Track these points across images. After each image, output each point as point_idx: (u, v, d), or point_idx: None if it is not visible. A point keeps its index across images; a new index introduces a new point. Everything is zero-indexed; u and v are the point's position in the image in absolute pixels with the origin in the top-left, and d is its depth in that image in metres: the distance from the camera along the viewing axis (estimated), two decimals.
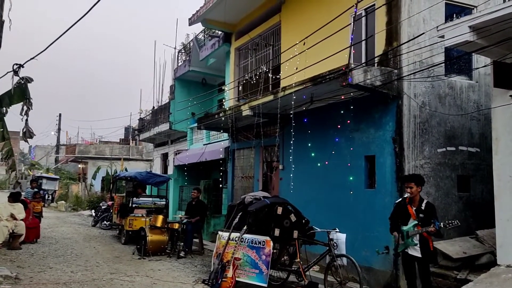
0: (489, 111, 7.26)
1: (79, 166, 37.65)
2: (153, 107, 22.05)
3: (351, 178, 8.28)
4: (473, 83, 8.32)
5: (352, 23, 7.55)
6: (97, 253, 10.73)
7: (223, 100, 14.78)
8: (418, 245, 5.39)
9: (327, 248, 6.91)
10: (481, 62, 7.96)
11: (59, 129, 39.70)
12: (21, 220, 10.97)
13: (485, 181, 8.03)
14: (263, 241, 6.93)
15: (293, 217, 7.05)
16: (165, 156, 21.93)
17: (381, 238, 7.53)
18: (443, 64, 7.77)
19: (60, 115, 39.75)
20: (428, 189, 7.49)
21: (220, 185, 14.12)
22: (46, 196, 30.02)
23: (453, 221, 5.26)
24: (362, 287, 6.49)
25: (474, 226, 7.91)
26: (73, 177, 38.03)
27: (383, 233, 7.54)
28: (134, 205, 12.39)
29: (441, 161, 7.82)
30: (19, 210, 11.14)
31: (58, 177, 34.40)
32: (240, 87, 12.97)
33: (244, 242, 7.14)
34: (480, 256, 7.17)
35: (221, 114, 11.54)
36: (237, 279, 7.00)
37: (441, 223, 5.28)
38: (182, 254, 10.23)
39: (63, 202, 29.11)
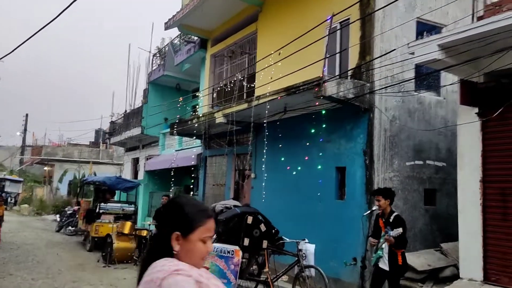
0: (455, 127, 7.49)
1: (45, 168, 36.43)
2: (125, 110, 21.66)
3: (321, 190, 8.33)
4: (441, 99, 8.57)
5: (327, 36, 7.65)
6: (60, 260, 10.37)
7: (197, 106, 14.67)
8: (387, 259, 5.44)
9: (296, 258, 6.91)
10: (449, 79, 8.21)
11: (25, 129, 38.42)
12: None
13: (450, 194, 8.24)
14: (232, 251, 6.85)
15: (263, 227, 7.02)
16: (136, 161, 21.51)
17: (349, 249, 7.59)
18: (413, 80, 7.98)
19: (27, 115, 38.53)
20: (396, 202, 7.58)
21: (191, 192, 13.94)
22: (9, 199, 28.89)
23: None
24: None
25: (439, 239, 8.10)
26: (38, 180, 36.75)
27: (351, 244, 7.61)
28: (101, 211, 12.06)
29: (409, 174, 7.98)
30: None
31: (22, 179, 33.18)
32: (215, 94, 12.91)
33: (213, 251, 7.04)
34: (444, 268, 7.33)
35: (194, 121, 11.43)
36: None
37: (395, 232, 5.21)
38: None
39: (26, 205, 28.07)
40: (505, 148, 6.08)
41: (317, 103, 7.73)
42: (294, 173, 9.09)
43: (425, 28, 8.43)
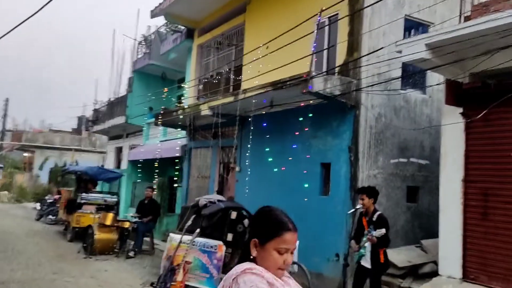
0: (439, 126, 7.57)
1: (25, 155, 35.67)
2: (109, 98, 21.31)
3: (306, 185, 8.34)
4: (426, 97, 8.63)
5: (316, 31, 7.60)
6: (40, 250, 10.21)
7: (182, 97, 14.50)
8: (369, 257, 5.49)
9: None
10: (435, 78, 8.26)
11: (5, 114, 37.49)
12: None
13: (432, 192, 8.34)
14: (216, 246, 6.82)
15: (247, 222, 7.00)
16: (119, 150, 21.24)
17: (332, 245, 7.65)
18: (400, 77, 8.00)
19: (7, 100, 37.55)
20: (379, 199, 7.59)
21: (175, 184, 13.84)
22: None
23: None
24: None
25: (420, 235, 8.21)
26: (18, 166, 35.96)
27: (334, 240, 7.67)
28: (82, 201, 11.88)
29: (393, 171, 8.05)
30: None
31: (1, 165, 32.47)
32: (201, 86, 12.77)
33: (196, 245, 7.00)
34: (424, 265, 7.46)
35: (179, 112, 11.31)
36: (186, 283, 6.84)
37: (378, 233, 5.28)
38: (131, 254, 9.93)
39: (6, 192, 27.53)
40: (487, 149, 6.16)
41: (302, 103, 7.69)
42: (279, 167, 9.07)
43: (413, 26, 8.45)
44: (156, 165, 13.07)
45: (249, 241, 1.74)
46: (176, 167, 13.66)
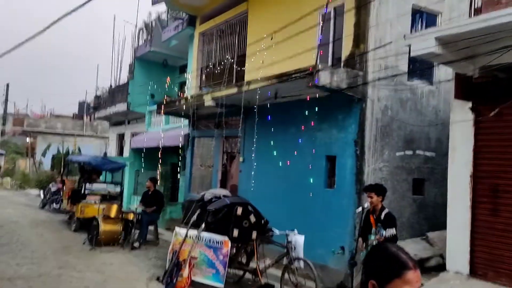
0: (446, 116, 7.45)
1: (28, 139, 35.59)
2: (110, 85, 21.12)
3: (311, 178, 8.28)
4: (433, 88, 8.48)
5: (321, 22, 7.41)
6: (45, 242, 10.23)
7: (185, 85, 14.32)
8: None
9: (285, 250, 6.90)
10: (442, 69, 8.10)
11: (6, 100, 37.28)
12: None
13: (439, 184, 8.30)
14: (221, 241, 6.82)
15: (252, 218, 6.97)
16: (121, 137, 21.17)
17: (337, 238, 7.64)
18: (407, 69, 7.85)
19: (7, 85, 37.30)
20: None
21: (178, 173, 13.79)
22: None
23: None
24: None
25: (426, 227, 8.19)
26: (20, 151, 35.95)
27: (339, 233, 7.65)
28: (87, 191, 11.87)
29: (399, 164, 7.97)
30: None
31: (3, 152, 32.47)
32: (203, 76, 12.59)
33: (202, 240, 7.00)
34: (430, 258, 7.45)
35: (182, 102, 11.18)
36: (193, 278, 6.86)
37: (389, 233, 5.29)
38: (136, 245, 9.94)
39: (8, 178, 27.59)
40: (497, 145, 6.07)
41: (308, 96, 7.56)
42: (284, 159, 9.00)
43: (420, 16, 8.24)
44: (159, 152, 12.99)
45: (366, 283, 1.57)
46: (179, 157, 13.60)
